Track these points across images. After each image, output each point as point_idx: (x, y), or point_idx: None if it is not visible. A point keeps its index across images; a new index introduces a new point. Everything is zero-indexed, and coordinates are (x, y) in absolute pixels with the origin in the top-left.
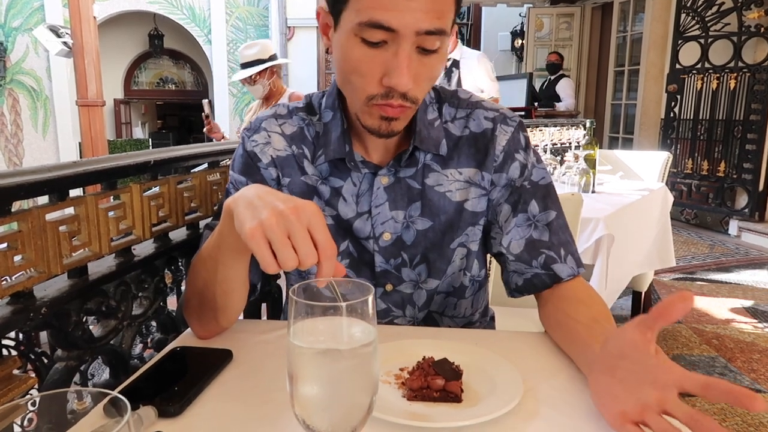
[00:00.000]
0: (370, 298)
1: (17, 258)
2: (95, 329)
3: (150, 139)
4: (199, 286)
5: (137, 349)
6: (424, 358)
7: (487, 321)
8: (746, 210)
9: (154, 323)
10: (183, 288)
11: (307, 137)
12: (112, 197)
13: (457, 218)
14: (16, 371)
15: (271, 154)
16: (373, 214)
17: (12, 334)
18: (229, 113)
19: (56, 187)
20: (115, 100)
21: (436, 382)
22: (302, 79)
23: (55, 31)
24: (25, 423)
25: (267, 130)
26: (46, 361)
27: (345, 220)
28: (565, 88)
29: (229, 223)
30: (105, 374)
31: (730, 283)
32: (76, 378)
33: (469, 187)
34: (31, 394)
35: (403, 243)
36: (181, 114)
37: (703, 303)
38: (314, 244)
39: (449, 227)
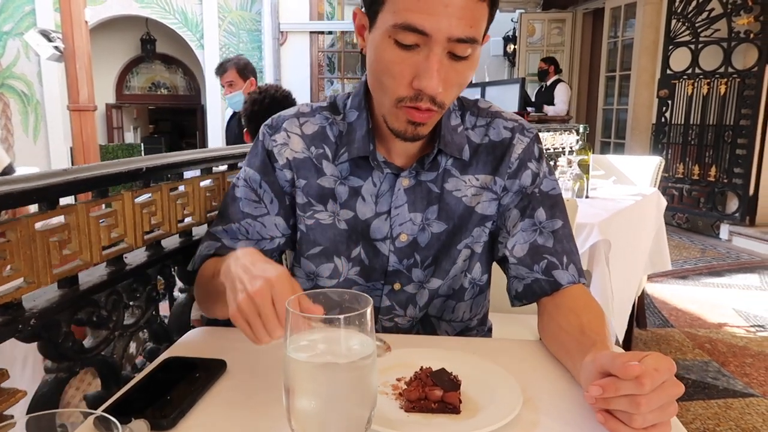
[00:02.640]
0: (369, 310)
1: (6, 268)
2: (86, 340)
3: (142, 144)
4: (205, 294)
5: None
6: (421, 369)
7: (484, 331)
8: (737, 214)
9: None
10: (175, 294)
11: (328, 136)
12: (103, 205)
13: (466, 220)
14: (4, 384)
15: (288, 156)
16: (392, 215)
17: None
18: (221, 118)
19: (46, 195)
20: (106, 104)
21: (434, 393)
22: (295, 84)
23: (46, 35)
24: None
25: (287, 131)
26: None
27: (362, 221)
28: (560, 94)
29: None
30: (97, 382)
31: (722, 286)
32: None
33: (483, 192)
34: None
35: (418, 245)
36: (174, 119)
37: (695, 307)
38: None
39: (459, 229)
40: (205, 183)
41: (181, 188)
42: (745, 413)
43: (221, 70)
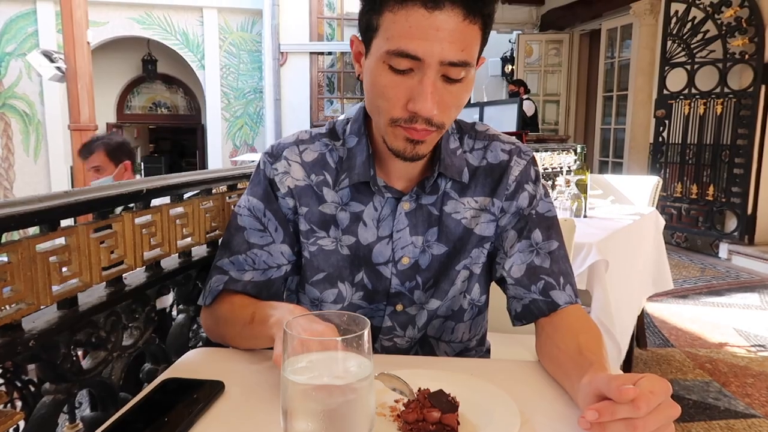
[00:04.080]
0: (366, 332)
1: (6, 290)
2: (84, 361)
3: (142, 163)
4: (237, 336)
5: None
6: (419, 390)
7: (483, 351)
8: (736, 233)
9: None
10: (174, 314)
11: (329, 163)
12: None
13: (465, 241)
14: (1, 406)
15: (289, 184)
16: (394, 239)
17: None
18: (221, 137)
19: (47, 217)
20: (107, 124)
21: (432, 415)
22: (294, 103)
23: (48, 56)
24: None
25: (288, 159)
26: (33, 388)
27: (364, 246)
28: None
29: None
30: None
31: (722, 306)
32: (64, 408)
33: (481, 214)
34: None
35: (419, 267)
36: (174, 138)
37: (695, 326)
38: None
39: (458, 250)
40: (205, 204)
41: (181, 209)
42: None
43: (86, 152)
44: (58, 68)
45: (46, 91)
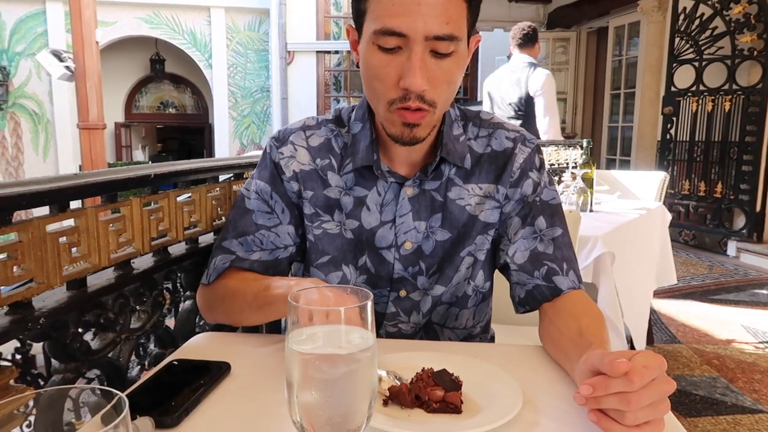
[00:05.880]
0: (369, 305)
1: (16, 268)
2: (93, 342)
3: (150, 162)
4: (245, 306)
5: (134, 370)
6: (423, 369)
7: (487, 339)
8: (744, 231)
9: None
10: (180, 306)
11: (334, 148)
12: (111, 210)
13: (470, 228)
14: (12, 382)
15: (294, 168)
16: (397, 224)
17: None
18: (228, 136)
19: (57, 198)
20: (115, 123)
21: (435, 393)
22: (301, 102)
23: (57, 55)
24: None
25: (294, 144)
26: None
27: (367, 230)
28: None
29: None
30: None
31: (730, 303)
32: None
33: (486, 200)
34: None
35: (422, 252)
36: (182, 137)
37: (703, 323)
38: None
39: (462, 237)
40: (212, 192)
41: (188, 196)
42: (755, 430)
43: None
44: (67, 68)
45: (55, 90)
